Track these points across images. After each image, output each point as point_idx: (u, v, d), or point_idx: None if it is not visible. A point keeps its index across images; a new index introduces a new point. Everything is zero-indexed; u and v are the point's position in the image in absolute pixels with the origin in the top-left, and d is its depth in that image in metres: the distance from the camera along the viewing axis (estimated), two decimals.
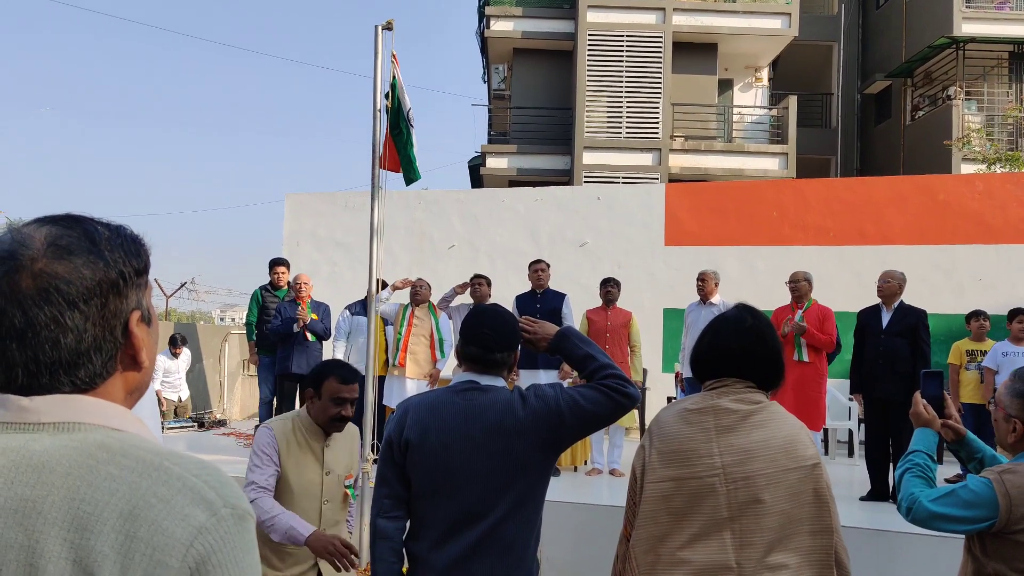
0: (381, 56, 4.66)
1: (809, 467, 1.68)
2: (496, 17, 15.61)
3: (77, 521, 0.69)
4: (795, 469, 1.67)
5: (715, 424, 1.72)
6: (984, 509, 1.77)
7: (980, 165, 13.38)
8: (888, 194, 8.45)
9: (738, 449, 1.68)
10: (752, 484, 1.65)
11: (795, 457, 1.67)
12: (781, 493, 1.65)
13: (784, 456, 1.67)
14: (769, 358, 1.79)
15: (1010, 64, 15.63)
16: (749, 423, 1.70)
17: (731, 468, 1.67)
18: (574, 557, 4.38)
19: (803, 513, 1.66)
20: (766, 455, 1.67)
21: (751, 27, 15.22)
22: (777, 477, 1.66)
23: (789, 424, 1.73)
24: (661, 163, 14.62)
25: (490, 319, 1.89)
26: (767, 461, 1.67)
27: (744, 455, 1.68)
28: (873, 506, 4.98)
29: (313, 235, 9.73)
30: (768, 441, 1.68)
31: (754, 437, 1.69)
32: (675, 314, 7.91)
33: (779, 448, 1.68)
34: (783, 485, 1.65)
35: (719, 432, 1.71)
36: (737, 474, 1.67)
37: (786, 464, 1.67)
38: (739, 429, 1.70)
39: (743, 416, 1.71)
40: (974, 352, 6.21)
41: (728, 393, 1.75)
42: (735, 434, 1.70)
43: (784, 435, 1.70)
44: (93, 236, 0.79)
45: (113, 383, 0.80)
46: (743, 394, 1.75)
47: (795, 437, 1.70)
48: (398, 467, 1.82)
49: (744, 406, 1.72)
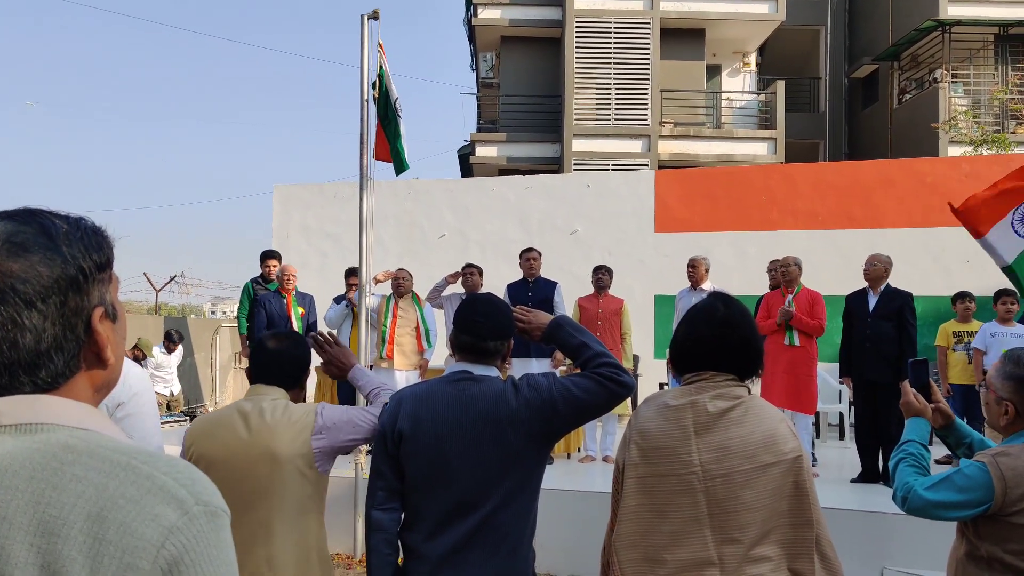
0: (368, 45, 4.62)
1: (790, 460, 1.66)
2: (483, 5, 15.49)
3: (43, 525, 0.67)
4: (775, 464, 1.65)
5: (693, 421, 1.71)
6: (980, 492, 1.78)
7: (967, 147, 13.44)
8: (876, 177, 8.49)
9: (716, 446, 1.67)
10: (730, 481, 1.64)
11: (775, 452, 1.66)
12: (761, 489, 1.64)
13: (764, 452, 1.66)
14: (741, 347, 1.76)
15: (996, 46, 15.68)
16: (727, 419, 1.69)
17: (709, 466, 1.66)
18: (568, 544, 4.41)
19: (784, 506, 1.65)
20: (744, 452, 1.66)
21: (738, 12, 15.19)
22: (756, 473, 1.65)
23: (769, 418, 1.72)
24: (650, 150, 14.61)
25: (483, 308, 1.87)
26: (745, 458, 1.65)
27: (722, 452, 1.67)
28: (864, 488, 5.03)
29: (302, 226, 9.67)
30: (747, 437, 1.67)
31: (732, 434, 1.68)
32: (666, 300, 7.93)
33: (759, 444, 1.67)
34: (763, 481, 1.64)
35: (697, 430, 1.70)
36: (716, 472, 1.66)
37: (765, 460, 1.65)
38: (717, 426, 1.69)
39: (721, 412, 1.70)
40: (961, 333, 6.26)
41: (707, 388, 1.73)
42: (713, 432, 1.69)
43: (764, 430, 1.68)
44: (50, 231, 0.76)
45: (78, 382, 0.78)
46: (722, 388, 1.73)
47: (774, 431, 1.69)
48: (392, 458, 1.81)
49: (723, 402, 1.71)
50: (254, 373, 2.05)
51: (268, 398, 1.97)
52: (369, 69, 4.63)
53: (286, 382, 2.04)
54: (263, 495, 1.88)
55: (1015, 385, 1.88)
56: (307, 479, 1.91)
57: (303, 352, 2.08)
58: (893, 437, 5.12)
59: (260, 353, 2.05)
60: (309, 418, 1.93)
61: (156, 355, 8.72)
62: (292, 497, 1.89)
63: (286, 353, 2.04)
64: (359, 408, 2.04)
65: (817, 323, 5.37)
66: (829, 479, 5.15)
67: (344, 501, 4.61)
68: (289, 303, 6.32)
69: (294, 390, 2.06)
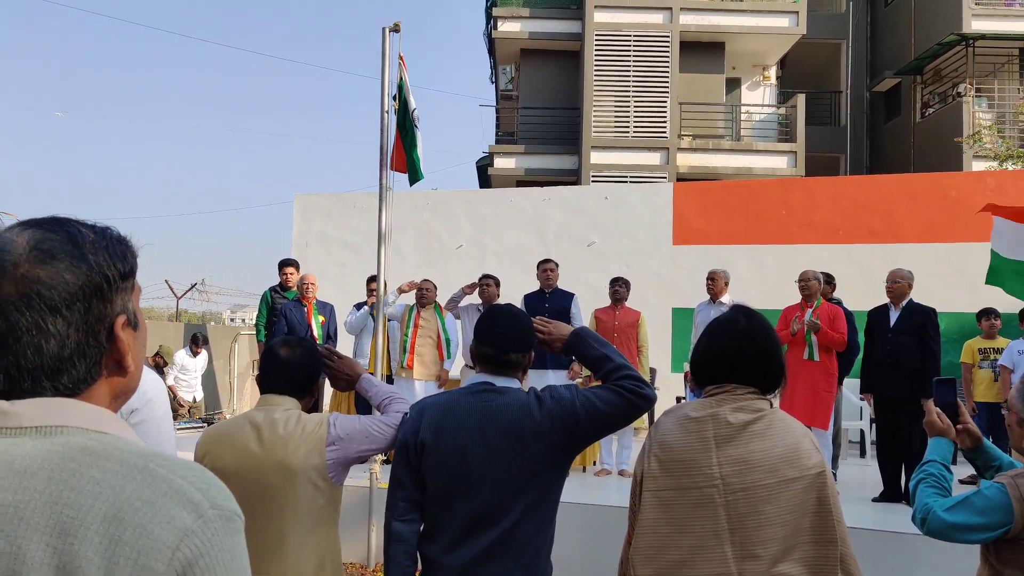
0: (388, 58, 4.67)
1: (813, 476, 1.63)
2: (503, 18, 15.60)
3: (60, 526, 0.68)
4: (798, 479, 1.62)
5: (714, 434, 1.68)
6: (999, 515, 1.73)
7: (991, 162, 13.26)
8: (898, 192, 8.39)
9: (737, 460, 1.65)
10: (752, 495, 1.62)
11: (798, 466, 1.63)
12: (783, 504, 1.61)
13: (786, 466, 1.63)
14: (762, 360, 1.74)
15: (1020, 61, 15.49)
16: (748, 433, 1.67)
17: (730, 479, 1.64)
18: (583, 558, 4.36)
19: (807, 523, 1.61)
20: (766, 465, 1.63)
21: (758, 26, 15.15)
22: (778, 488, 1.62)
23: (792, 432, 1.69)
24: (669, 162, 14.57)
25: (504, 319, 1.86)
26: (767, 472, 1.63)
27: (743, 466, 1.64)
28: (885, 507, 4.94)
29: (322, 236, 9.75)
30: (769, 451, 1.65)
31: (753, 447, 1.65)
32: (684, 313, 7.87)
33: (781, 458, 1.64)
34: (785, 496, 1.61)
35: (718, 442, 1.67)
36: (736, 485, 1.63)
37: (788, 474, 1.63)
38: (738, 439, 1.66)
39: (743, 426, 1.68)
40: (987, 350, 6.15)
41: (728, 401, 1.71)
42: (734, 444, 1.66)
43: (786, 444, 1.65)
44: (76, 239, 0.78)
45: (98, 388, 0.79)
46: (743, 401, 1.71)
47: (798, 446, 1.66)
48: (413, 469, 1.79)
49: (744, 415, 1.69)
50: (264, 381, 2.02)
51: (280, 408, 1.95)
52: (390, 81, 4.68)
53: (297, 391, 2.00)
54: (276, 507, 1.86)
55: None
56: (320, 491, 1.89)
57: (314, 360, 2.04)
58: (916, 454, 5.02)
59: (270, 361, 2.02)
60: (322, 429, 1.91)
61: (181, 358, 8.78)
62: (305, 509, 1.87)
63: (296, 361, 2.00)
64: (373, 418, 2.00)
65: (840, 336, 5.30)
66: (850, 497, 5.06)
67: (358, 510, 4.61)
68: (309, 311, 6.37)
69: (305, 399, 2.04)
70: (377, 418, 2.00)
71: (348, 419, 1.97)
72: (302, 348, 2.05)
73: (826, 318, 5.40)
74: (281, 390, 1.99)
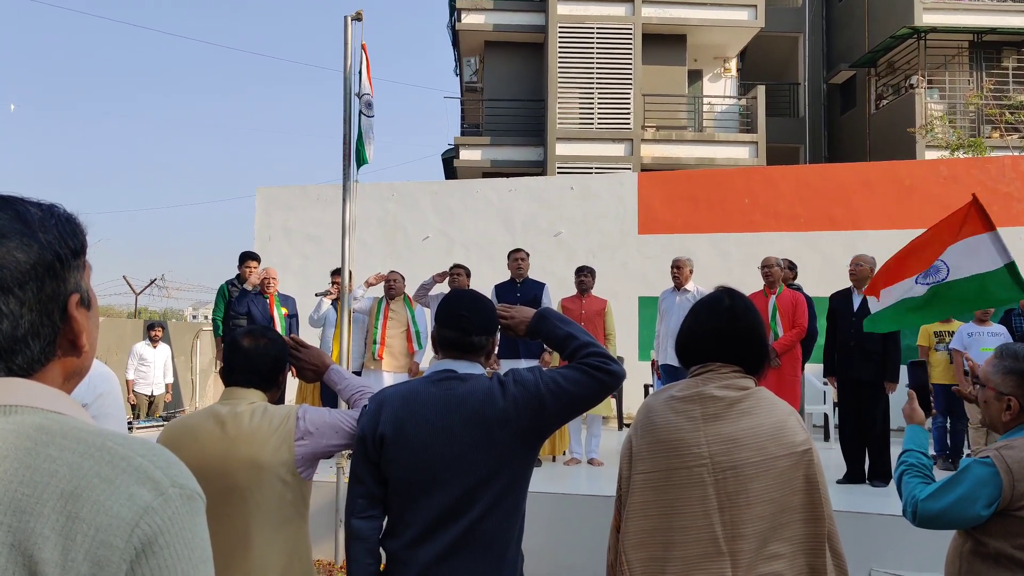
0: (351, 47, 4.58)
1: (799, 453, 1.63)
2: (467, 10, 15.50)
3: (15, 504, 0.66)
4: (784, 456, 1.62)
5: (701, 412, 1.67)
6: (988, 489, 1.74)
7: (943, 151, 13.64)
8: (856, 180, 8.57)
9: (725, 438, 1.64)
10: (740, 473, 1.61)
11: (784, 444, 1.63)
12: (771, 481, 1.61)
13: (773, 443, 1.63)
14: (745, 338, 1.74)
15: (970, 53, 15.96)
16: (736, 410, 1.66)
17: (718, 457, 1.63)
18: (553, 548, 4.37)
19: (795, 501, 1.62)
20: (754, 443, 1.63)
21: (719, 19, 15.32)
22: (766, 465, 1.61)
23: (778, 410, 1.69)
24: (633, 153, 14.67)
25: (468, 302, 1.82)
26: (755, 449, 1.62)
27: (731, 444, 1.63)
28: (850, 488, 5.05)
29: (284, 229, 9.57)
30: (756, 428, 1.64)
31: (741, 425, 1.65)
32: (650, 302, 7.93)
33: (767, 435, 1.63)
34: (772, 473, 1.61)
35: (706, 420, 1.66)
36: (725, 463, 1.62)
37: (775, 452, 1.62)
38: (726, 417, 1.66)
39: (730, 403, 1.67)
40: (942, 333, 6.32)
41: (713, 379, 1.71)
42: (722, 422, 1.65)
43: (772, 422, 1.65)
44: (25, 217, 0.76)
45: (52, 369, 0.78)
46: (729, 379, 1.70)
47: (784, 423, 1.66)
48: (372, 464, 1.73)
49: (731, 392, 1.68)
50: (228, 374, 1.95)
51: (245, 402, 1.88)
52: (352, 71, 4.59)
53: (262, 383, 1.94)
54: (242, 504, 1.79)
55: (1018, 379, 1.85)
56: (289, 486, 1.82)
57: (279, 350, 1.98)
58: (877, 435, 5.15)
59: (233, 352, 1.94)
60: (290, 422, 1.84)
61: (140, 349, 8.47)
62: (273, 506, 1.80)
63: (261, 352, 1.93)
64: (342, 411, 1.94)
65: (797, 331, 5.43)
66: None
67: (326, 507, 4.54)
68: (272, 303, 6.30)
69: (271, 391, 1.96)
70: (347, 412, 1.94)
71: (317, 412, 1.91)
72: (267, 338, 1.97)
73: (788, 305, 5.49)
74: (246, 383, 1.92)
